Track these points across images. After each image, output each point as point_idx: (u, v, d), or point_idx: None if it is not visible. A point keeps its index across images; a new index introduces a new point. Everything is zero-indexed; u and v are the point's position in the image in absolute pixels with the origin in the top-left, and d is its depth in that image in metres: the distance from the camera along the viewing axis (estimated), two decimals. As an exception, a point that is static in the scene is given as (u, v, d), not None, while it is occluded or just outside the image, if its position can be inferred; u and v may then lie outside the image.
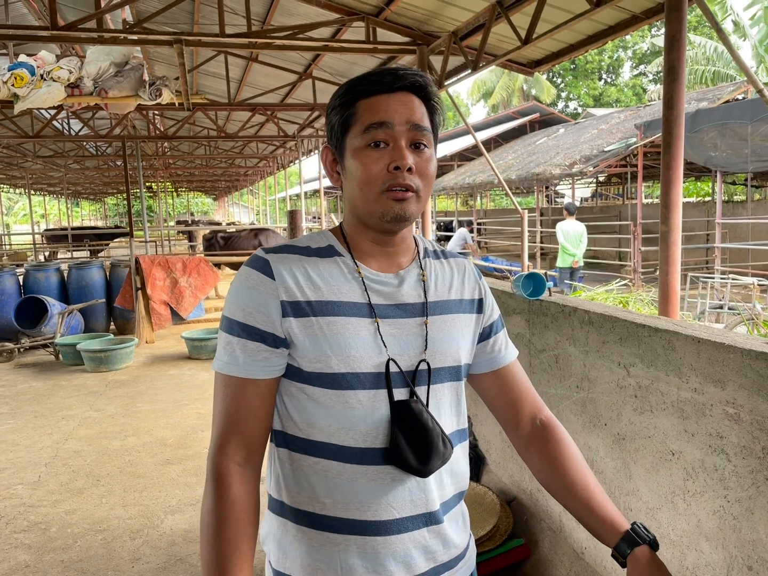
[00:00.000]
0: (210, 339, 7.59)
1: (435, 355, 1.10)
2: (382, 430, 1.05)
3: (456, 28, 5.77)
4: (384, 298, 1.09)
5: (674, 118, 3.15)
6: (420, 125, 1.04)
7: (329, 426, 1.06)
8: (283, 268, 1.06)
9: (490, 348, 1.22)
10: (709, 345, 1.48)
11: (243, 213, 41.86)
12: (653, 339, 1.67)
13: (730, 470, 1.45)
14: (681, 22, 3.11)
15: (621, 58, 40.80)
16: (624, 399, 1.82)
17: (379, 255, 1.13)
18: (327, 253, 1.11)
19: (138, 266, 8.50)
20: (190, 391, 6.18)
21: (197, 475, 4.13)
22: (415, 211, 1.05)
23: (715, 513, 1.51)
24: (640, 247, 11.26)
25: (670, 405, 1.63)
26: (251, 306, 1.05)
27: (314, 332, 1.04)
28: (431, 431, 1.05)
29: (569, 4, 4.87)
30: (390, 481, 1.06)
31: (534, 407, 1.23)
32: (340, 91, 1.08)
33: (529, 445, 1.21)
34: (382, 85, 1.04)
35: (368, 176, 1.03)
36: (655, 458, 1.71)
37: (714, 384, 1.47)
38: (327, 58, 8.42)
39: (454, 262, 1.23)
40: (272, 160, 17.53)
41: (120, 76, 7.81)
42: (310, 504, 1.08)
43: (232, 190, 36.13)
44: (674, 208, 3.21)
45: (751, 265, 11.31)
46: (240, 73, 10.04)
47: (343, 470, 1.05)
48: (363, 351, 1.05)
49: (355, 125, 1.05)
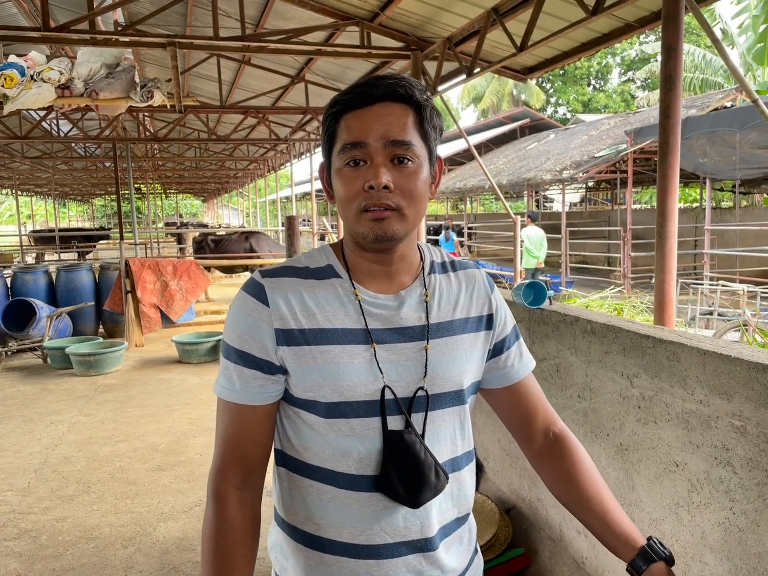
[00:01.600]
0: (201, 343, 7.54)
1: (434, 380, 1.07)
2: (375, 458, 1.04)
3: (451, 34, 5.78)
4: (382, 322, 1.06)
5: (671, 126, 3.17)
6: (398, 140, 0.98)
7: (323, 451, 1.05)
8: (278, 294, 1.05)
9: (503, 363, 1.18)
10: (715, 357, 1.48)
11: (233, 215, 41.70)
12: (657, 350, 1.67)
13: (735, 482, 1.45)
14: (678, 31, 3.13)
15: (609, 65, 41.13)
16: (627, 409, 1.82)
17: (378, 275, 1.09)
18: (324, 275, 1.09)
19: (128, 269, 8.43)
20: (180, 395, 6.13)
21: (190, 481, 4.09)
22: (400, 230, 1.01)
23: (720, 525, 1.51)
24: (630, 253, 11.33)
25: (674, 416, 1.63)
26: (246, 333, 1.04)
27: (307, 361, 1.03)
28: (422, 463, 1.03)
29: (564, 12, 4.90)
30: (382, 508, 1.05)
31: (547, 420, 1.20)
32: (329, 104, 1.05)
33: (543, 458, 1.19)
34: (361, 97, 1.00)
35: (347, 196, 1.01)
36: (658, 469, 1.71)
37: (720, 396, 1.48)
38: (320, 62, 8.41)
39: (464, 274, 1.17)
40: (263, 163, 17.49)
41: (111, 77, 7.75)
42: (306, 524, 1.09)
43: (221, 192, 35.99)
44: (670, 217, 3.22)
45: (738, 271, 11.42)
46: (232, 75, 10.01)
47: (337, 495, 1.05)
48: (357, 380, 1.03)
49: (337, 143, 1.02)
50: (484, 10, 5.12)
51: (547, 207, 30.03)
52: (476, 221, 22.05)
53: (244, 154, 15.95)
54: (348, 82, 9.17)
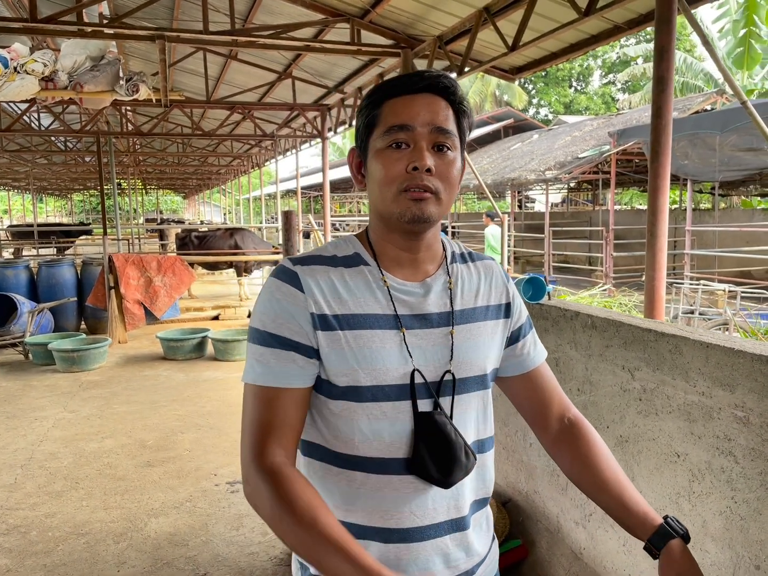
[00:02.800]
0: (186, 340, 7.49)
1: (461, 365, 1.11)
2: (406, 441, 1.06)
3: (441, 32, 5.81)
4: (410, 308, 1.09)
5: (663, 127, 3.23)
6: (443, 128, 1.04)
7: (353, 438, 1.06)
8: (311, 281, 1.06)
9: (519, 351, 1.22)
10: (718, 350, 1.52)
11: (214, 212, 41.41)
12: (660, 343, 1.71)
13: (738, 472, 1.49)
14: (670, 34, 3.18)
15: (591, 67, 41.52)
16: (628, 402, 1.86)
17: (405, 262, 1.12)
18: (353, 262, 1.11)
19: (111, 265, 8.33)
20: (166, 392, 6.09)
21: (179, 477, 4.07)
22: (435, 213, 1.05)
23: (722, 514, 1.55)
24: (612, 253, 11.47)
25: (676, 408, 1.67)
26: (283, 317, 1.05)
27: (341, 346, 1.05)
28: (454, 443, 1.06)
29: (555, 12, 4.95)
30: (413, 491, 1.07)
31: (562, 406, 1.24)
32: (368, 93, 1.09)
33: (559, 444, 1.22)
34: (407, 86, 1.05)
35: (387, 176, 1.04)
36: (659, 460, 1.75)
37: (723, 388, 1.51)
38: (308, 58, 8.38)
39: (482, 265, 1.22)
40: (247, 159, 17.38)
41: (96, 70, 7.65)
42: (335, 512, 1.08)
43: (203, 189, 35.68)
44: (661, 216, 3.28)
45: (717, 272, 11.62)
46: (218, 70, 9.94)
47: (367, 480, 1.07)
48: (389, 363, 1.05)
49: (378, 127, 1.06)
50: (476, 9, 5.15)
51: (529, 207, 30.26)
52: (459, 220, 22.15)
53: (228, 149, 15.83)
54: (335, 78, 9.16)
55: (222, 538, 3.31)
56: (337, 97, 9.63)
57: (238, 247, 11.78)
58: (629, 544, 1.89)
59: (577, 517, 2.15)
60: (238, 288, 11.91)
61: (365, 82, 8.44)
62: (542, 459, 2.36)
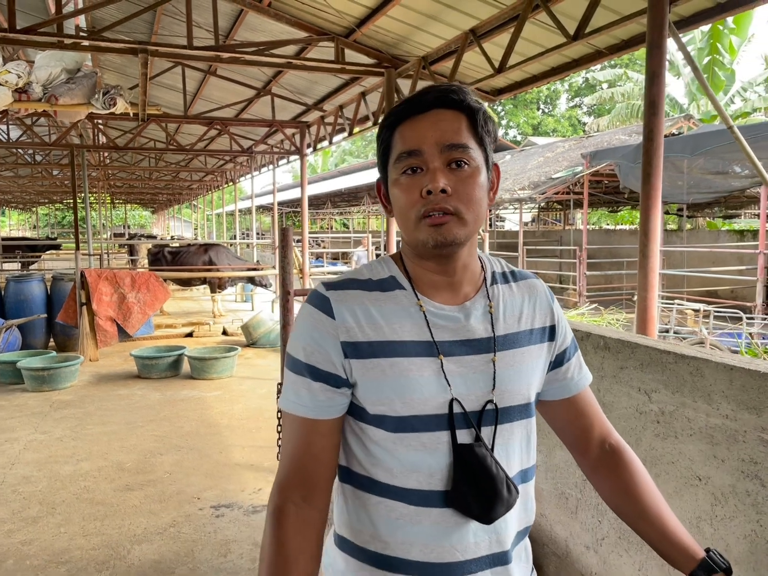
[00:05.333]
0: (161, 357, 7.31)
1: (503, 393, 1.07)
2: (445, 473, 1.03)
3: (426, 53, 5.86)
4: (449, 333, 1.05)
5: (654, 149, 3.28)
6: (454, 143, 0.99)
7: (392, 468, 1.03)
8: (344, 307, 1.04)
9: (563, 375, 1.18)
10: (742, 372, 1.52)
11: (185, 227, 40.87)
12: (679, 365, 1.70)
13: (764, 495, 1.49)
14: (661, 58, 3.25)
15: (558, 90, 42.48)
16: (644, 424, 1.85)
17: (442, 286, 1.08)
18: (389, 286, 1.08)
19: (83, 280, 8.13)
20: (143, 411, 5.92)
21: (161, 501, 3.93)
22: (460, 234, 1.01)
23: (746, 537, 1.54)
24: (585, 272, 11.65)
25: (697, 431, 1.66)
26: (312, 346, 1.03)
27: (376, 375, 1.02)
28: (495, 478, 1.02)
29: (540, 36, 5.04)
30: (454, 524, 1.03)
31: (603, 431, 1.21)
32: (384, 118, 1.07)
33: (599, 470, 1.19)
34: (414, 106, 1.01)
35: (405, 204, 1.02)
36: (678, 483, 1.74)
37: (749, 411, 1.51)
38: (288, 75, 8.38)
39: (525, 284, 1.17)
40: (221, 175, 17.23)
41: (72, 83, 7.51)
42: (373, 543, 1.06)
43: (173, 204, 35.24)
44: (653, 237, 3.32)
45: (686, 291, 11.88)
46: (195, 86, 9.87)
47: (407, 511, 1.03)
48: (427, 393, 1.02)
49: (392, 154, 1.04)
50: (462, 31, 5.21)
51: (499, 226, 30.65)
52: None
53: (202, 164, 15.68)
54: (315, 96, 9.17)
55: (209, 565, 3.20)
56: (317, 115, 9.63)
57: (212, 263, 11.63)
58: (645, 568, 1.87)
59: (587, 541, 2.12)
60: (212, 304, 11.74)
61: (346, 100, 8.46)
62: (549, 482, 2.34)
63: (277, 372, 7.38)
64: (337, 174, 31.35)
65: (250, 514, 3.77)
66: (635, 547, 1.90)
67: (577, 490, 2.18)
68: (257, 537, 3.47)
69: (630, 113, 19.55)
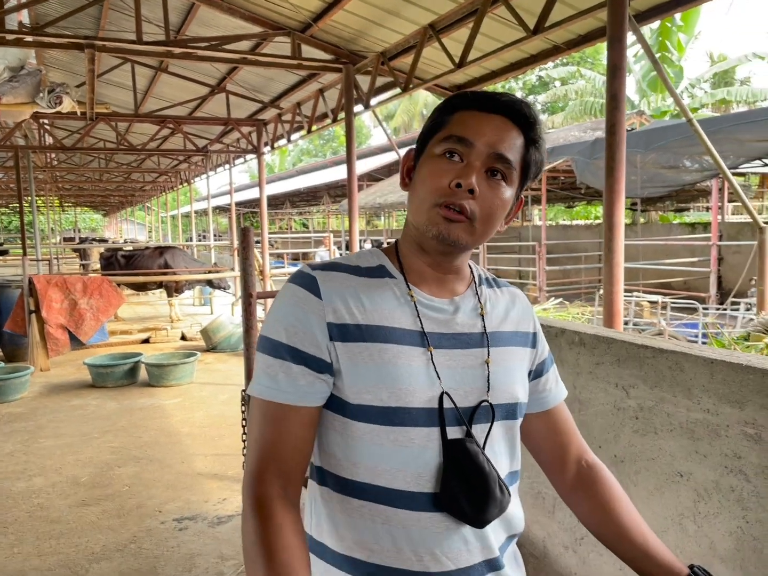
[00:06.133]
0: (117, 365, 7.05)
1: (493, 391, 1.02)
2: (435, 473, 0.96)
3: (385, 48, 5.79)
4: (438, 325, 1.01)
5: (617, 143, 3.28)
6: (503, 155, 0.96)
7: (376, 466, 0.96)
8: (332, 287, 0.98)
9: (542, 387, 1.15)
10: (724, 366, 1.49)
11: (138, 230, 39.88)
12: (658, 360, 1.67)
13: (749, 490, 1.46)
14: (622, 52, 3.25)
15: (512, 88, 43.06)
16: (623, 421, 1.81)
17: (432, 279, 1.05)
18: (378, 274, 1.03)
19: (32, 287, 7.79)
20: (98, 422, 5.68)
21: (120, 516, 3.76)
22: (464, 239, 0.97)
23: (732, 534, 1.51)
24: (545, 267, 11.78)
25: (677, 426, 1.63)
26: (296, 326, 0.96)
27: (363, 359, 0.95)
28: (488, 476, 0.97)
29: (499, 32, 5.03)
30: (444, 530, 0.97)
31: (580, 449, 1.17)
32: (445, 99, 1.03)
33: (577, 489, 1.14)
34: (483, 102, 0.98)
35: (430, 185, 0.97)
36: (659, 480, 1.71)
37: (731, 405, 1.48)
38: (243, 72, 8.19)
39: (508, 291, 1.16)
40: (175, 175, 16.82)
41: (15, 81, 7.18)
42: (357, 550, 0.98)
43: (125, 206, 34.34)
44: (617, 231, 3.32)
45: (642, 283, 12.13)
46: (146, 83, 9.57)
47: (393, 516, 0.96)
48: (416, 384, 0.96)
49: (441, 132, 0.99)
50: (421, 26, 5.15)
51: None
52: (392, 236, 22.26)
53: (155, 164, 15.27)
54: (271, 93, 9.00)
55: (174, 582, 3.06)
56: (274, 113, 9.45)
57: (168, 266, 11.32)
58: (626, 568, 1.82)
59: (566, 541, 2.08)
60: (169, 309, 11.44)
61: (304, 97, 8.33)
62: (525, 481, 2.28)
63: (238, 377, 7.21)
64: (295, 173, 31.05)
65: (215, 525, 3.63)
66: (616, 547, 1.86)
67: (553, 489, 2.13)
68: (223, 550, 3.35)
69: (584, 110, 19.90)
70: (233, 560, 3.25)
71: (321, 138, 49.38)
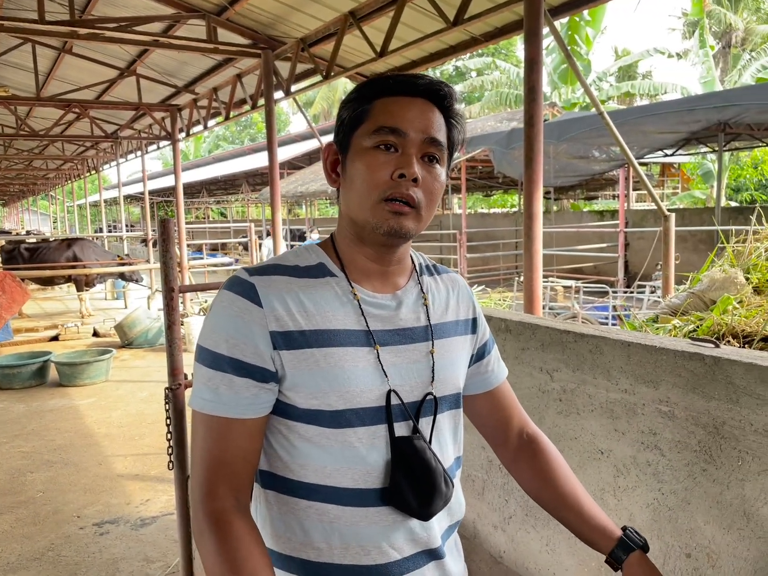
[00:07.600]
0: (23, 365, 6.66)
1: (437, 383, 1.04)
2: (383, 469, 0.98)
3: (304, 35, 5.69)
4: (383, 322, 1.01)
5: (535, 135, 3.38)
6: (436, 139, 0.97)
7: (324, 467, 0.96)
8: (272, 294, 0.95)
9: (484, 368, 1.19)
10: (639, 348, 1.58)
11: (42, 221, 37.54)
12: (579, 344, 1.74)
13: (664, 464, 1.55)
14: (539, 45, 3.36)
15: (431, 78, 43.61)
16: (547, 403, 1.88)
17: (374, 274, 1.04)
18: (318, 273, 1.01)
19: (-76, 283, 7.19)
20: (6, 426, 5.36)
21: (36, 524, 3.56)
22: (413, 229, 0.97)
23: (649, 506, 1.61)
24: (466, 255, 12.05)
25: (598, 406, 1.71)
26: (237, 337, 0.93)
27: (309, 366, 0.94)
28: (434, 471, 0.99)
29: (420, 22, 5.06)
30: (391, 522, 0.99)
31: (521, 422, 1.22)
32: (359, 85, 1.00)
33: (518, 460, 1.20)
34: (405, 86, 0.97)
35: (370, 180, 0.95)
36: (582, 458, 1.79)
37: (646, 384, 1.57)
38: (154, 55, 7.85)
39: (448, 278, 1.17)
40: (81, 163, 15.93)
41: None
42: (304, 550, 0.98)
43: (27, 195, 32.25)
44: (536, 220, 3.44)
45: (555, 269, 12.65)
46: (48, 65, 8.98)
47: (342, 514, 0.97)
48: (363, 384, 0.96)
49: (366, 123, 0.97)
50: (341, 13, 5.11)
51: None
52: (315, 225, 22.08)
53: (59, 151, 14.38)
54: (185, 78, 8.67)
55: (96, 590, 2.94)
56: (189, 98, 9.12)
57: (77, 259, 10.76)
58: (552, 543, 1.92)
59: (495, 521, 2.15)
60: (79, 304, 10.89)
61: (221, 82, 8.08)
62: (454, 466, 2.34)
63: (158, 373, 6.97)
64: (212, 161, 30.13)
65: (138, 527, 3.51)
66: (542, 523, 1.94)
67: (483, 471, 2.20)
68: (149, 552, 3.24)
69: (499, 101, 20.41)
70: (159, 562, 3.15)
71: (238, 125, 48.16)
